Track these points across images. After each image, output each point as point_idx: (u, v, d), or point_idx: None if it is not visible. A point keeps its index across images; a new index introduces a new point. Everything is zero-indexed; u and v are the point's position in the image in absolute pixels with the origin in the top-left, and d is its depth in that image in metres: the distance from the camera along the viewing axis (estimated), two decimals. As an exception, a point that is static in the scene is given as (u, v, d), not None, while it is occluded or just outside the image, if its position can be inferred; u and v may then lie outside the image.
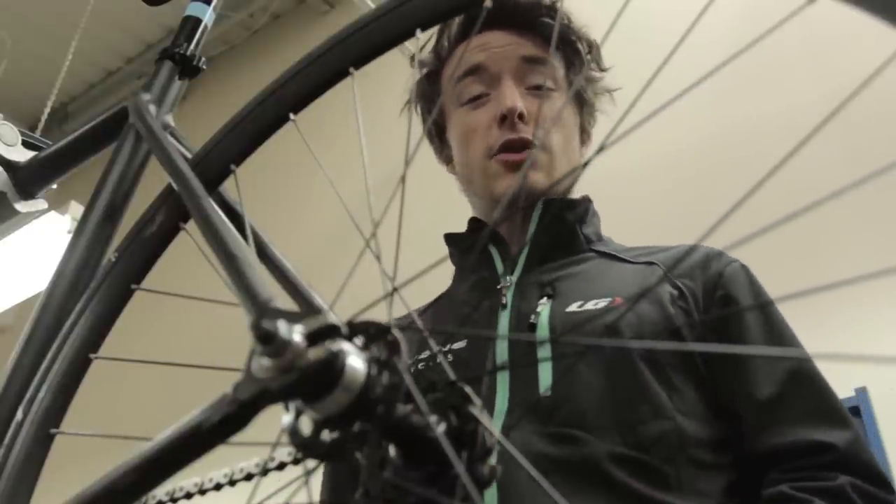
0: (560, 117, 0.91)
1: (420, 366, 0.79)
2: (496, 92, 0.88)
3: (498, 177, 0.86)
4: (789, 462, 0.69)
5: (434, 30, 0.96)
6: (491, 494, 0.66)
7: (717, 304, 0.77)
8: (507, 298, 0.81)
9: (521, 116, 0.85)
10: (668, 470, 0.67)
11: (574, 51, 0.93)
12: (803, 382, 0.73)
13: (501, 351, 0.77)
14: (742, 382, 0.73)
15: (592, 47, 0.95)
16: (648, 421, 0.69)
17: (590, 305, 0.77)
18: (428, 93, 0.97)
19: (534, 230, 0.87)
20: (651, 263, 0.83)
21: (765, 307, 0.78)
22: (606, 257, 0.86)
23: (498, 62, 0.88)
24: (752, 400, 0.72)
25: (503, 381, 0.74)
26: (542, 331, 0.76)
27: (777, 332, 0.77)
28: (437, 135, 0.99)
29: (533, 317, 0.77)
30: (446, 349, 0.80)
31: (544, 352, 0.77)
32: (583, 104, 0.95)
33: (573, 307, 0.77)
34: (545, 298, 0.79)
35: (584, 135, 0.97)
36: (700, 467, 0.69)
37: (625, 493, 0.65)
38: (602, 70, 0.97)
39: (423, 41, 0.96)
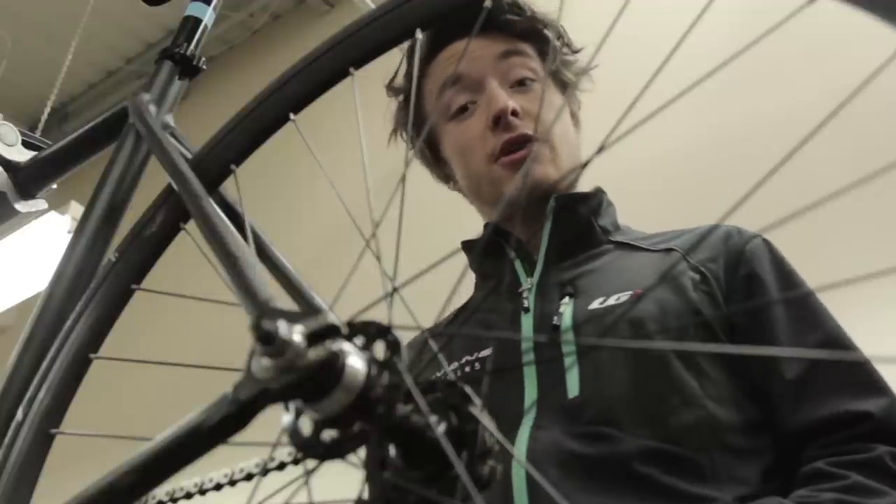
0: (561, 110, 0.90)
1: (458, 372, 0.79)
2: (482, 97, 0.87)
3: (505, 180, 0.85)
4: (825, 437, 0.66)
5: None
6: (521, 494, 0.65)
7: (741, 283, 0.76)
8: (529, 301, 0.80)
9: (514, 113, 0.84)
10: (703, 460, 0.65)
11: (543, 39, 0.92)
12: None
13: (527, 354, 0.76)
14: (772, 360, 0.71)
15: (561, 32, 0.95)
16: (679, 411, 0.67)
17: (612, 301, 0.75)
18: (412, 116, 0.95)
19: (549, 228, 0.86)
20: (670, 250, 0.81)
21: (789, 285, 0.76)
22: (625, 248, 0.85)
23: (477, 67, 0.87)
24: (783, 377, 0.70)
25: (531, 379, 0.73)
26: (567, 331, 0.75)
27: (804, 310, 0.75)
28: (431, 156, 0.97)
29: (556, 318, 0.76)
30: (472, 358, 0.79)
31: (570, 353, 0.75)
32: (565, 88, 0.95)
33: (595, 304, 0.76)
34: (567, 298, 0.78)
35: (574, 119, 0.97)
36: (735, 454, 0.67)
37: (655, 488, 0.64)
38: (574, 52, 0.96)
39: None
